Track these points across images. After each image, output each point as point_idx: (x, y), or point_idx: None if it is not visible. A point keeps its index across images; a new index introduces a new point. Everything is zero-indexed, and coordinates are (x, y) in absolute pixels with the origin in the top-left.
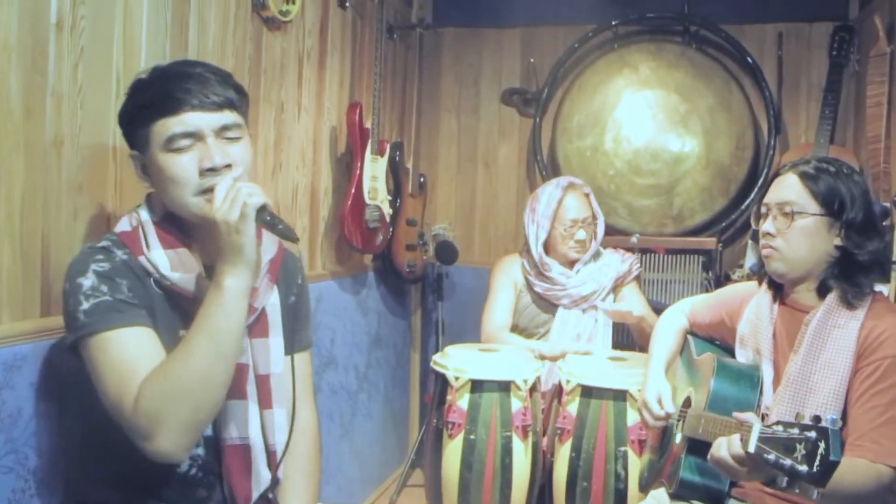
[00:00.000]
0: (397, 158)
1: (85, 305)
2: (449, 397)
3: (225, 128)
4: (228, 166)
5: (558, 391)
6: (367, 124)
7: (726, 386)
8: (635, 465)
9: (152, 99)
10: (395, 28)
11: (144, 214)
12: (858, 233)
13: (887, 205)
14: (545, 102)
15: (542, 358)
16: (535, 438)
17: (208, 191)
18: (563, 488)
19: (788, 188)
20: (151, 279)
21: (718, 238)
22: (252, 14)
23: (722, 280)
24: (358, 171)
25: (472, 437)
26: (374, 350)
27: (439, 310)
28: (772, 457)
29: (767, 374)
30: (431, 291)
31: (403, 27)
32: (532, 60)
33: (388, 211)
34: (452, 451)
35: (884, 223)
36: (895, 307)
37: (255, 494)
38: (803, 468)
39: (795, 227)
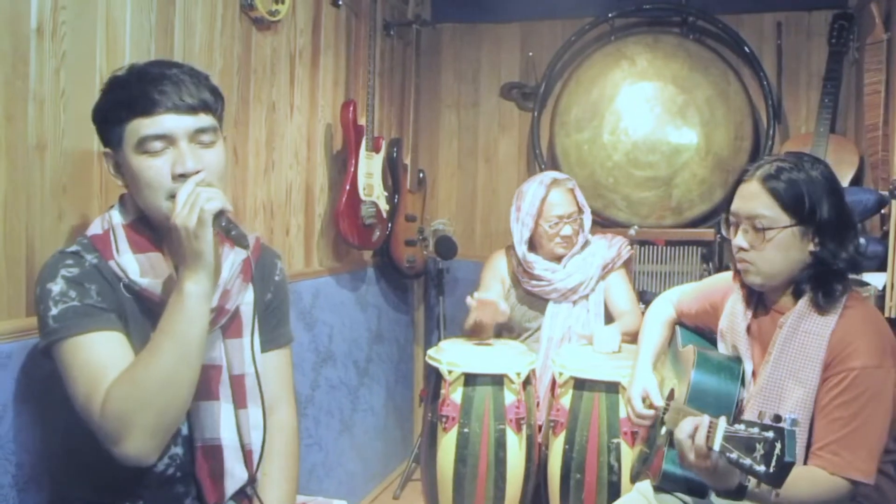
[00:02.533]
0: (395, 155)
1: (54, 311)
2: (443, 391)
3: (199, 131)
4: (200, 173)
5: (551, 384)
6: (362, 122)
7: (707, 378)
8: (628, 456)
9: (128, 98)
10: (392, 25)
11: (116, 217)
12: (832, 237)
13: (885, 193)
14: (543, 96)
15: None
16: (529, 431)
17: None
18: (557, 480)
19: (754, 199)
20: (122, 283)
21: (717, 229)
22: (240, 14)
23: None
24: (352, 169)
25: (465, 430)
26: (374, 345)
27: (441, 305)
28: (734, 455)
29: (748, 368)
30: (433, 286)
31: (400, 24)
32: (531, 54)
33: (384, 207)
34: (447, 445)
35: (881, 211)
36: (867, 313)
37: (229, 493)
38: (761, 468)
39: (768, 242)
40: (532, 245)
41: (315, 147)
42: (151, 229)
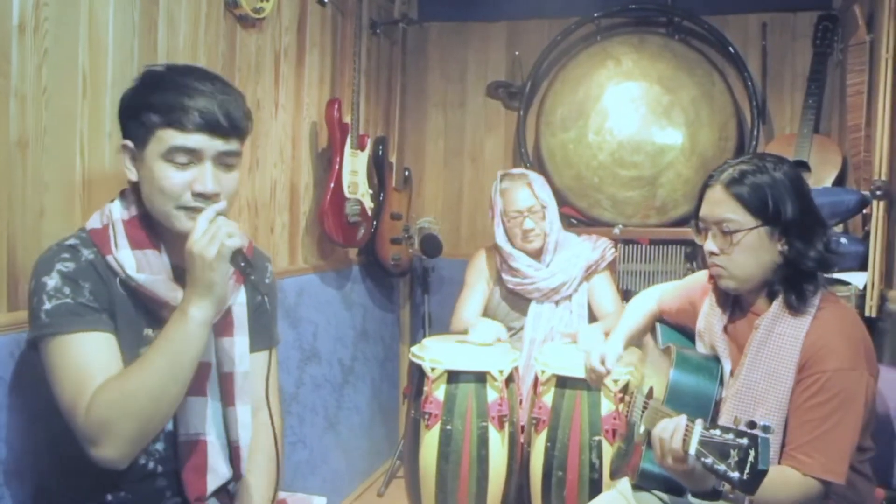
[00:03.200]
0: (380, 153)
1: (47, 306)
2: (426, 388)
3: (226, 154)
4: (217, 195)
5: (534, 382)
6: (347, 120)
7: (685, 377)
8: (609, 454)
9: (166, 107)
10: (379, 23)
11: (116, 212)
12: (800, 237)
13: (867, 193)
14: (529, 96)
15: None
16: (512, 429)
17: (192, 209)
18: (539, 478)
19: (720, 204)
20: (117, 279)
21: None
22: (224, 12)
23: None
24: (337, 166)
25: (448, 427)
26: (360, 343)
27: (426, 303)
28: (709, 461)
29: (726, 367)
30: (419, 285)
31: (387, 23)
32: (517, 54)
33: (369, 205)
34: (429, 442)
35: (863, 212)
36: (842, 314)
37: (210, 489)
38: (735, 475)
39: (737, 245)
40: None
41: (300, 145)
42: (151, 226)
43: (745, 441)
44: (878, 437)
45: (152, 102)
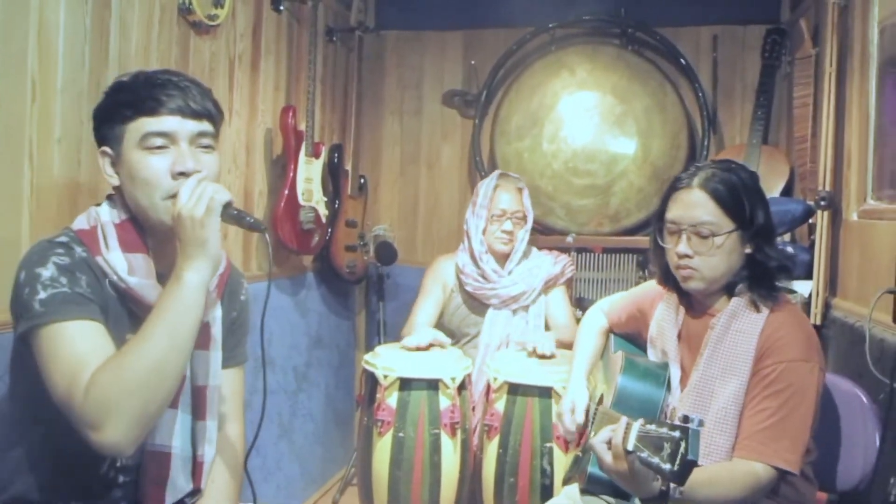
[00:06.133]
0: (336, 160)
1: (42, 295)
2: (378, 395)
3: (201, 135)
4: (199, 171)
5: (486, 389)
6: (302, 127)
7: (632, 383)
8: (560, 460)
9: (134, 99)
10: (335, 31)
11: (105, 215)
12: (765, 239)
13: (812, 203)
14: (484, 104)
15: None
16: (464, 436)
17: (175, 197)
18: (492, 484)
19: (699, 207)
20: (108, 280)
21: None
22: (178, 18)
23: None
24: (291, 174)
25: (400, 434)
26: (314, 350)
27: (381, 310)
28: (645, 455)
29: (675, 374)
30: (374, 292)
31: (343, 30)
32: (473, 62)
33: (324, 212)
34: (382, 449)
35: (809, 221)
36: (795, 312)
37: (168, 502)
38: (667, 466)
39: (714, 248)
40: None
41: (254, 152)
42: (140, 231)
43: (677, 434)
44: (820, 440)
45: (123, 100)
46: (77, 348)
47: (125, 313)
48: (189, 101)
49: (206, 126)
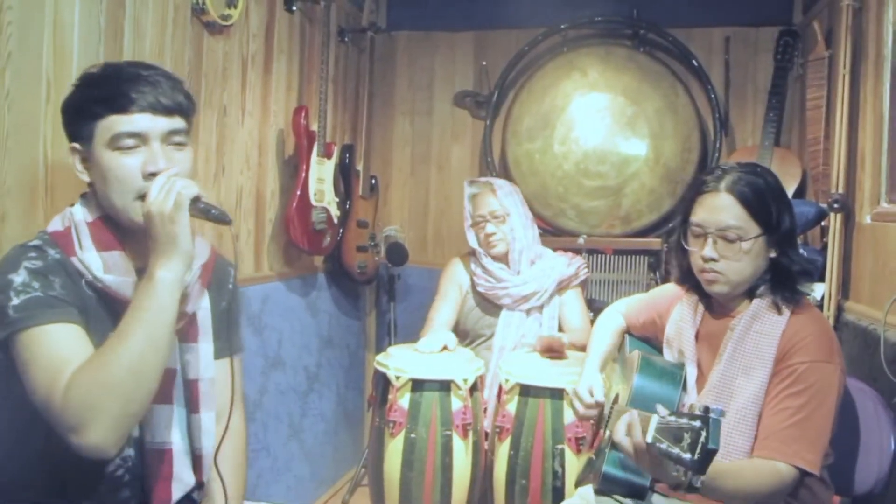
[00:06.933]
0: (347, 161)
1: (15, 301)
2: (390, 396)
3: (172, 132)
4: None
5: (499, 390)
6: (314, 127)
7: (648, 382)
8: (572, 462)
9: (104, 95)
10: (347, 31)
11: (78, 214)
12: (789, 244)
13: (825, 206)
14: (496, 105)
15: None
16: (476, 437)
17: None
18: (503, 486)
19: (726, 211)
20: (84, 280)
21: (664, 239)
22: (192, 19)
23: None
24: (303, 174)
25: (412, 435)
26: (325, 351)
27: (392, 311)
28: (664, 446)
29: (691, 374)
30: (384, 292)
31: (355, 31)
32: (484, 63)
33: (335, 213)
34: (394, 450)
35: (822, 224)
36: (816, 314)
37: (175, 498)
38: (687, 456)
39: (741, 252)
40: None
41: (266, 152)
42: (115, 228)
43: (697, 423)
44: (836, 444)
45: (92, 96)
46: (54, 352)
47: (106, 313)
48: (160, 96)
49: (177, 122)
